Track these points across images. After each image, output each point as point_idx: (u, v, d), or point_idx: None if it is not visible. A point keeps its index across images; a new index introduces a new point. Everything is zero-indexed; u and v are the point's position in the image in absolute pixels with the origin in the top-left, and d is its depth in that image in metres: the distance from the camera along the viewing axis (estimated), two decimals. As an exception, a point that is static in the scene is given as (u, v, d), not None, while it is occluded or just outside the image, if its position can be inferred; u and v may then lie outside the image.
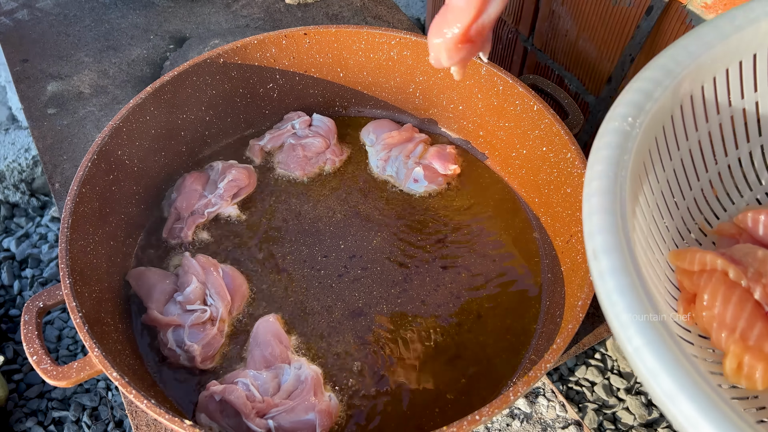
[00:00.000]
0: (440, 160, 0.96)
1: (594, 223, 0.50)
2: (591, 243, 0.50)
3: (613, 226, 0.50)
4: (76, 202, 0.76)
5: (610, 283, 0.47)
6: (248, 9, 1.34)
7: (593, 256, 0.49)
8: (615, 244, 0.49)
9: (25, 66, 1.20)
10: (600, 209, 0.51)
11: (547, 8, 1.32)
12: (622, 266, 0.48)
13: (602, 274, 0.48)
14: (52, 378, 0.66)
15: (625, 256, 0.48)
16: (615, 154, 0.54)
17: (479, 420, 0.60)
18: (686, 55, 0.62)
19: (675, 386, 0.41)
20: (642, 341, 0.44)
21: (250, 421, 0.70)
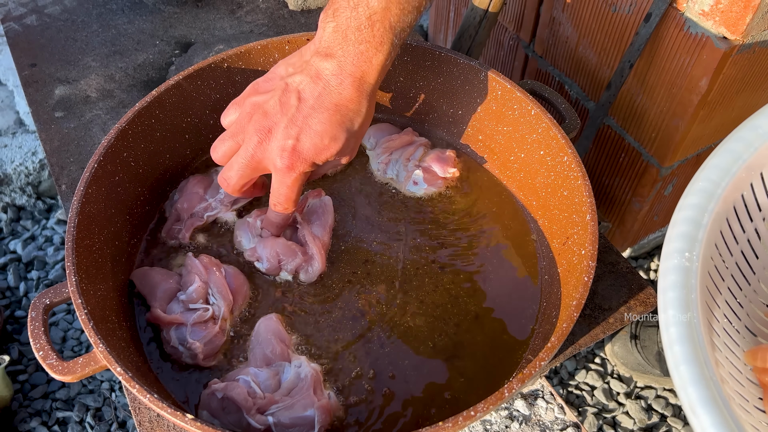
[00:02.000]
0: (439, 163, 0.98)
1: (683, 375, 0.53)
2: (686, 398, 0.52)
3: (702, 378, 0.52)
4: (82, 202, 0.78)
5: (684, 372, 0.51)
6: (252, 15, 1.36)
7: (692, 411, 0.51)
8: (710, 397, 0.51)
9: (34, 70, 1.23)
10: (685, 359, 0.53)
11: (548, 15, 1.34)
12: (724, 423, 0.49)
13: (678, 365, 0.52)
14: (57, 373, 0.68)
15: (722, 411, 0.50)
16: (682, 296, 0.57)
17: (474, 416, 0.61)
18: (721, 172, 0.65)
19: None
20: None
21: (250, 417, 0.72)
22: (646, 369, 1.40)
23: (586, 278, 0.70)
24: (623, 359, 1.43)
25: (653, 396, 1.45)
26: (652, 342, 1.38)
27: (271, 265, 0.88)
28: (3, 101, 1.90)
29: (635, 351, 1.40)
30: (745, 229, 0.69)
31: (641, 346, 1.39)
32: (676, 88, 1.10)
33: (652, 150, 1.24)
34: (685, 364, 0.52)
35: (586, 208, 0.77)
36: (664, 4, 1.02)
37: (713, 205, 0.63)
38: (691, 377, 0.52)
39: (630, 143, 1.28)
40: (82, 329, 1.57)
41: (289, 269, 0.88)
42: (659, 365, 1.38)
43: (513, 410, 1.17)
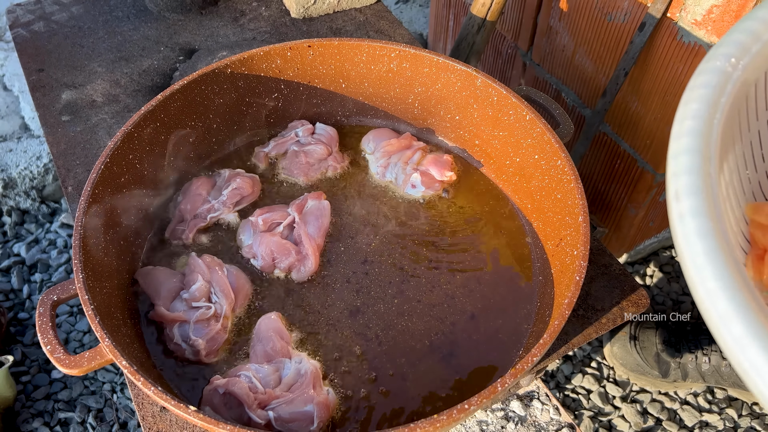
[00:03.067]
0: (437, 166, 1.00)
1: (681, 163, 0.48)
2: (674, 184, 0.48)
3: (701, 169, 0.47)
4: (89, 202, 0.80)
5: (691, 224, 0.45)
6: (255, 23, 1.39)
7: (675, 197, 0.47)
8: (700, 186, 0.46)
9: (41, 75, 1.25)
10: (689, 150, 0.48)
11: (545, 24, 1.36)
12: (705, 210, 0.45)
13: (683, 215, 0.46)
14: (64, 366, 0.70)
15: (709, 202, 0.46)
16: (713, 96, 0.51)
17: (468, 409, 0.63)
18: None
19: (746, 333, 0.40)
20: (717, 285, 0.42)
21: (251, 412, 0.74)
22: (645, 370, 1.41)
23: (578, 277, 0.72)
24: (622, 360, 1.45)
25: (649, 400, 1.46)
26: (651, 343, 1.40)
27: (266, 263, 0.90)
28: (8, 106, 1.92)
29: (634, 352, 1.42)
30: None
31: (640, 347, 1.41)
32: (670, 96, 1.13)
33: (647, 156, 1.26)
34: (689, 154, 0.47)
35: (578, 210, 0.79)
36: (657, 14, 1.05)
37: (757, 47, 0.54)
38: (690, 167, 0.47)
39: (625, 150, 1.30)
40: (84, 331, 1.59)
41: (282, 267, 0.90)
42: (658, 366, 1.39)
43: (509, 411, 1.18)
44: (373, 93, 1.08)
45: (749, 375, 0.40)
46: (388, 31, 1.36)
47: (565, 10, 1.27)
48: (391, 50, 1.01)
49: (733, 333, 0.41)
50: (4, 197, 1.79)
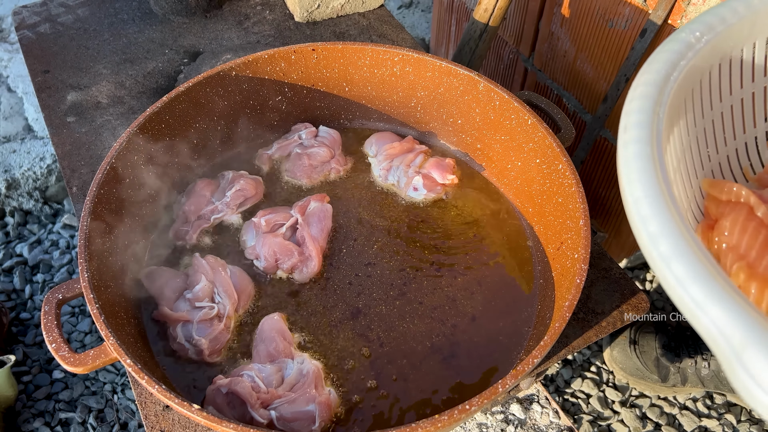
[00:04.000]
0: (439, 170, 1.01)
1: (633, 106, 0.52)
2: (625, 120, 0.51)
3: (651, 110, 0.51)
4: (94, 202, 0.81)
5: (632, 149, 0.49)
6: (259, 26, 1.40)
7: (623, 129, 0.51)
8: (648, 123, 0.50)
9: (47, 77, 1.26)
10: (643, 96, 0.53)
11: (547, 30, 1.37)
12: (647, 139, 0.49)
13: (626, 143, 0.50)
14: (69, 364, 0.70)
15: (652, 136, 0.50)
16: (673, 58, 0.56)
17: (469, 409, 0.64)
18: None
19: (671, 249, 0.43)
20: (644, 194, 0.46)
21: (254, 411, 0.74)
22: (644, 374, 1.42)
23: (579, 280, 0.73)
24: (622, 364, 1.45)
25: (648, 404, 1.47)
26: (651, 348, 1.40)
27: (269, 264, 0.91)
28: (12, 107, 1.94)
29: (634, 356, 1.42)
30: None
31: (640, 352, 1.41)
32: (670, 102, 1.13)
33: (647, 162, 1.26)
34: (642, 99, 0.52)
35: (579, 214, 0.80)
36: (659, 21, 1.06)
37: (749, 14, 0.60)
38: (641, 108, 0.51)
39: (626, 155, 1.31)
40: (85, 331, 1.59)
41: (285, 268, 0.91)
42: (657, 371, 1.40)
43: (509, 414, 1.19)
44: (376, 96, 1.09)
45: (674, 289, 0.43)
46: (391, 35, 1.37)
47: (566, 16, 1.28)
48: (394, 54, 1.02)
49: (660, 250, 0.43)
50: (7, 198, 1.80)
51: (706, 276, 0.41)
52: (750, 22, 0.62)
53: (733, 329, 0.39)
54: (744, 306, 0.40)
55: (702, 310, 0.41)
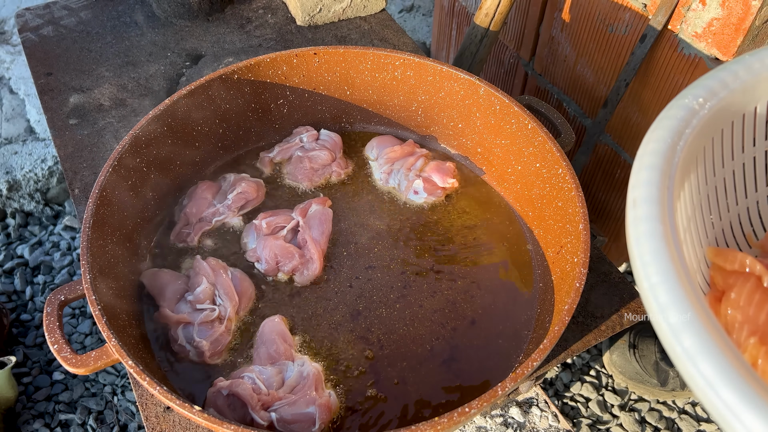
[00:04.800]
0: (439, 173, 1.02)
1: (641, 177, 0.51)
2: (633, 194, 0.51)
3: (659, 181, 0.50)
4: (97, 204, 0.81)
5: (642, 227, 0.48)
6: (261, 30, 1.41)
7: (632, 205, 0.50)
8: (656, 197, 0.49)
9: (49, 79, 1.27)
10: (651, 167, 0.51)
11: (548, 34, 1.38)
12: (658, 215, 0.48)
13: (636, 220, 0.49)
14: (71, 365, 0.71)
15: (663, 211, 0.49)
16: (677, 126, 0.55)
17: (468, 412, 0.64)
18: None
19: (697, 346, 0.41)
20: (659, 279, 0.44)
21: (254, 413, 0.74)
22: (644, 378, 1.42)
23: (578, 284, 0.73)
24: (621, 368, 1.45)
25: (647, 409, 1.47)
26: (650, 352, 1.41)
27: (270, 266, 0.91)
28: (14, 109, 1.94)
29: (633, 360, 1.43)
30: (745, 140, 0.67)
31: (639, 356, 1.42)
32: (669, 107, 1.14)
33: (646, 166, 1.27)
34: (650, 170, 0.50)
35: (579, 218, 0.81)
36: (659, 26, 1.06)
37: (750, 78, 0.60)
38: (649, 180, 0.50)
39: (626, 160, 1.32)
40: (86, 333, 1.60)
41: (286, 270, 0.91)
42: (656, 375, 1.40)
43: (508, 417, 1.19)
44: (377, 100, 1.10)
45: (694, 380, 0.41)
46: (393, 39, 1.37)
47: (567, 21, 1.29)
48: (395, 58, 1.02)
49: (684, 345, 0.42)
50: (8, 199, 1.81)
51: (736, 377, 0.40)
52: (752, 85, 0.62)
53: (752, 417, 0.38)
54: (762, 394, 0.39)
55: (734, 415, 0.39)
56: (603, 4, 1.18)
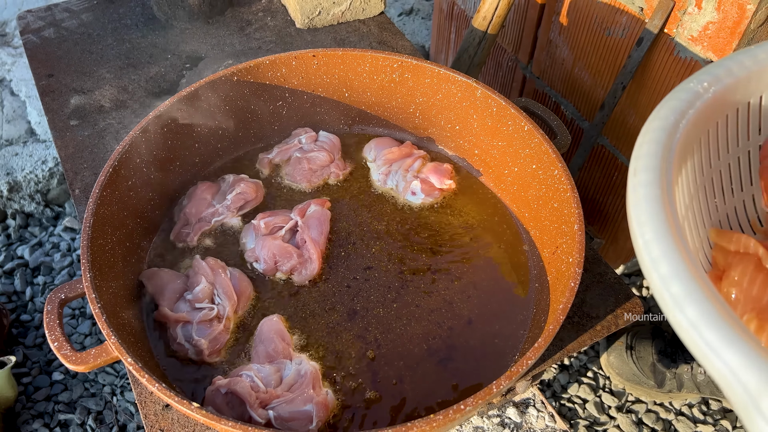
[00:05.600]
0: (437, 174, 1.03)
1: (643, 150, 0.53)
2: (634, 164, 0.52)
3: (660, 155, 0.52)
4: (97, 204, 0.82)
5: (641, 191, 0.49)
6: (261, 32, 1.42)
7: (633, 173, 0.52)
8: (656, 166, 0.51)
9: (51, 80, 1.28)
10: (652, 141, 0.53)
11: (545, 38, 1.39)
12: (657, 182, 0.49)
13: (636, 186, 0.50)
14: (71, 363, 0.71)
15: (662, 180, 0.50)
16: (682, 106, 0.56)
17: (464, 409, 0.65)
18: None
19: (684, 292, 0.42)
20: (652, 236, 0.46)
21: (253, 411, 0.75)
22: (641, 380, 1.43)
23: (573, 284, 0.74)
24: (618, 369, 1.46)
25: (644, 410, 1.47)
26: (647, 353, 1.41)
27: (268, 266, 0.92)
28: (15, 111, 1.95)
29: (630, 361, 1.43)
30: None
31: (636, 357, 1.42)
32: (666, 110, 1.15)
33: (643, 169, 1.28)
34: (652, 143, 0.52)
35: (574, 218, 0.81)
36: (655, 30, 1.07)
37: (756, 67, 0.61)
38: (650, 152, 0.51)
39: (623, 162, 1.33)
40: (85, 333, 1.60)
41: (284, 270, 0.92)
42: (653, 376, 1.41)
43: (505, 418, 1.20)
44: (376, 102, 1.11)
45: (691, 338, 0.42)
46: (391, 42, 1.38)
47: (565, 24, 1.30)
48: (393, 61, 1.03)
49: (672, 292, 0.43)
50: (9, 200, 1.82)
51: (720, 320, 0.41)
52: (757, 75, 0.63)
53: (750, 375, 0.38)
54: (760, 351, 0.39)
55: (716, 354, 0.40)
56: (600, 7, 1.19)
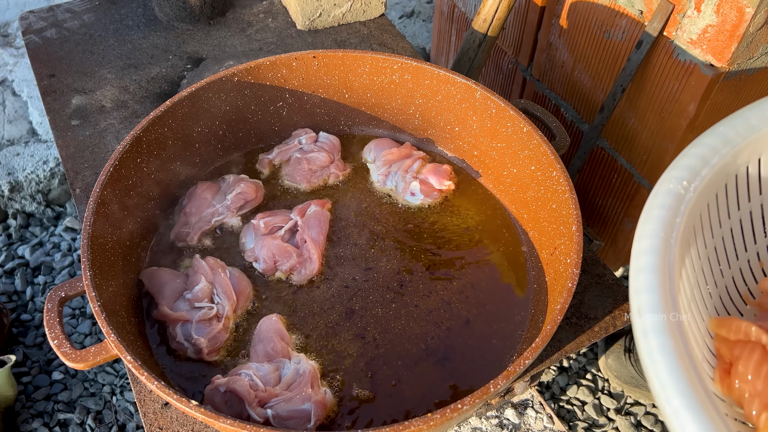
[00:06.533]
0: (436, 175, 1.03)
1: (641, 281, 0.50)
2: (636, 300, 0.50)
3: (660, 286, 0.50)
4: (98, 203, 0.83)
5: (654, 341, 0.47)
6: (261, 34, 1.42)
7: (638, 313, 0.49)
8: (660, 304, 0.48)
9: (52, 81, 1.28)
10: (648, 268, 0.51)
11: (545, 40, 1.39)
12: (666, 326, 0.47)
13: (646, 331, 0.48)
14: (71, 360, 0.72)
15: (669, 317, 0.48)
16: (667, 216, 0.54)
17: (461, 408, 0.65)
18: (747, 127, 0.61)
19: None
20: (682, 403, 0.44)
21: (251, 410, 0.75)
22: (639, 382, 1.43)
23: (571, 284, 0.74)
24: (616, 372, 1.46)
25: (643, 412, 1.47)
26: (644, 357, 1.41)
27: (267, 266, 0.93)
28: (17, 111, 1.96)
29: (628, 364, 1.43)
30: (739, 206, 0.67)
31: (635, 360, 1.42)
32: (665, 113, 1.15)
33: (643, 171, 1.28)
34: (648, 272, 0.50)
35: (572, 219, 0.82)
36: (654, 33, 1.08)
37: (727, 150, 0.59)
38: (649, 285, 0.49)
39: (622, 164, 1.33)
40: (85, 333, 1.61)
41: (283, 269, 0.93)
42: (650, 380, 1.41)
43: (503, 419, 1.20)
44: (376, 103, 1.11)
45: None
46: (391, 44, 1.39)
47: (564, 27, 1.30)
48: (393, 62, 1.04)
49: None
50: (10, 200, 1.82)
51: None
52: (733, 156, 0.61)
53: None
54: None
55: None
56: (600, 10, 1.19)
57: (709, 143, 0.60)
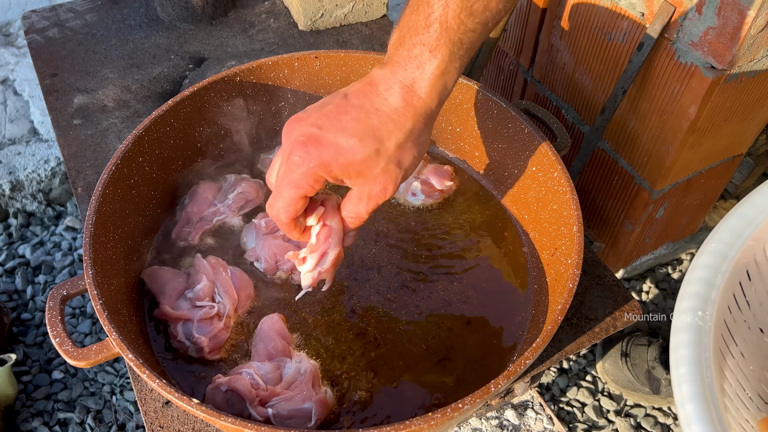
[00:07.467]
0: (437, 176, 1.03)
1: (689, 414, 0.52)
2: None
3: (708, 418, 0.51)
4: (100, 201, 0.83)
5: None
6: (263, 34, 1.43)
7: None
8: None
9: (54, 80, 1.29)
10: (697, 418, 0.52)
11: (547, 42, 1.40)
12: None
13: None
14: (73, 358, 0.72)
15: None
16: (695, 354, 0.56)
17: (461, 408, 0.65)
18: (733, 235, 0.63)
19: None
20: None
21: (252, 409, 0.76)
22: (636, 387, 1.43)
23: (571, 285, 0.75)
24: (614, 376, 1.46)
25: (642, 414, 1.48)
26: (642, 360, 1.42)
27: (269, 265, 0.93)
28: (18, 111, 1.96)
29: (625, 369, 1.43)
30: (758, 292, 0.68)
31: (631, 364, 1.43)
32: (666, 115, 1.16)
33: (644, 173, 1.29)
34: (698, 423, 0.51)
35: (573, 220, 0.82)
36: (655, 35, 1.08)
37: (726, 266, 0.61)
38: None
39: (623, 166, 1.33)
40: (86, 333, 1.61)
41: (285, 269, 0.93)
42: (649, 383, 1.41)
43: (503, 419, 1.20)
44: (377, 104, 1.11)
45: None
46: (393, 45, 1.39)
47: (566, 29, 1.31)
48: (395, 63, 1.04)
49: None
50: (11, 199, 1.82)
51: None
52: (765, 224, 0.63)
53: None
54: None
55: None
56: (601, 12, 1.19)
57: (708, 263, 0.63)
